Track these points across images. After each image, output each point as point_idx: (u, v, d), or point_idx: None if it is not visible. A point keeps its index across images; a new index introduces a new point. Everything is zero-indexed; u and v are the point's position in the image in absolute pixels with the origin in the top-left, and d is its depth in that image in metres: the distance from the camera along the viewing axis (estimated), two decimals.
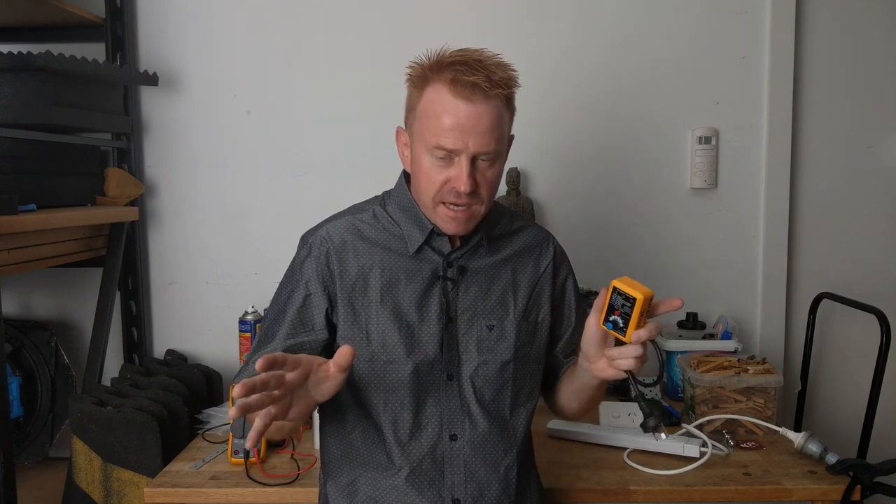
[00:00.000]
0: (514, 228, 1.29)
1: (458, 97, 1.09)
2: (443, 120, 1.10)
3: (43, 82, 1.68)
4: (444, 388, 1.18)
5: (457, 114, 1.09)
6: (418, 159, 1.16)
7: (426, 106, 1.13)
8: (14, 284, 2.10)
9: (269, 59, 2.06)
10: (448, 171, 1.12)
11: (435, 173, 1.13)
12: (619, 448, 1.56)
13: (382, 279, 1.19)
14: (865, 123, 2.08)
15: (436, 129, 1.10)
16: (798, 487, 1.41)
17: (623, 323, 1.05)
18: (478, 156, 1.12)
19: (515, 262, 1.25)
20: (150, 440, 1.56)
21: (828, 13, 2.04)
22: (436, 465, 1.17)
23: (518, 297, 1.23)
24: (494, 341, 1.20)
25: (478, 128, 1.09)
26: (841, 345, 2.11)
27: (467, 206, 1.14)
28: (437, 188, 1.13)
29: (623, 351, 1.06)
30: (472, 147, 1.10)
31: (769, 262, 2.07)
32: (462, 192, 1.11)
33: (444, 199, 1.14)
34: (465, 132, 1.09)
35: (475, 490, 1.18)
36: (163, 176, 2.10)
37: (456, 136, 1.09)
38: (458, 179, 1.11)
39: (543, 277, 1.27)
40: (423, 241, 1.20)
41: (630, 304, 1.05)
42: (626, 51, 2.04)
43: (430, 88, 1.13)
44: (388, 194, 1.28)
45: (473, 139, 1.10)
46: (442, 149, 1.10)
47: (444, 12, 2.03)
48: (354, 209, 1.27)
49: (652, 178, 2.07)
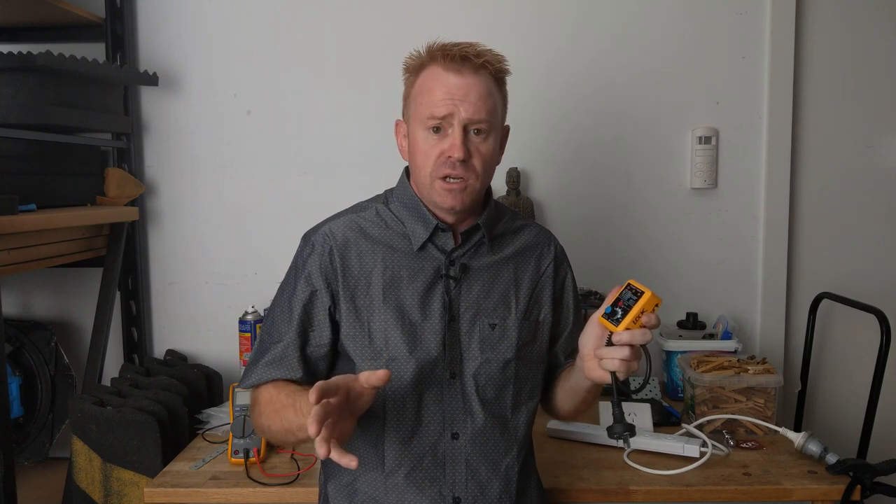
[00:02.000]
0: (515, 227, 1.30)
1: (448, 70, 1.15)
2: (435, 93, 1.15)
3: (43, 82, 1.68)
4: (446, 386, 1.19)
5: (447, 84, 1.15)
6: (414, 140, 1.19)
7: (420, 86, 1.19)
8: (14, 284, 2.11)
9: (269, 59, 2.06)
10: (442, 144, 1.16)
11: (429, 147, 1.17)
12: (619, 448, 1.56)
13: (385, 277, 1.20)
14: (865, 123, 2.08)
15: (429, 102, 1.16)
16: (798, 487, 1.41)
17: (621, 315, 1.07)
18: (469, 125, 1.15)
19: (517, 261, 1.26)
20: (150, 440, 1.56)
21: (828, 13, 2.04)
22: (437, 464, 1.18)
23: (520, 296, 1.24)
24: (497, 340, 1.21)
25: (469, 96, 1.15)
26: (841, 345, 2.11)
27: (462, 178, 1.16)
28: (432, 162, 1.17)
29: (610, 351, 1.07)
30: (464, 112, 1.14)
31: (769, 262, 2.07)
32: (455, 158, 1.14)
33: (440, 174, 1.17)
34: (455, 100, 1.14)
35: (476, 488, 1.18)
36: (163, 176, 2.10)
37: (447, 103, 1.14)
38: (451, 148, 1.15)
39: (545, 277, 1.28)
40: (427, 238, 1.21)
41: (636, 298, 1.07)
42: (626, 51, 2.04)
43: (423, 72, 1.19)
44: (390, 192, 1.29)
45: (465, 106, 1.14)
46: (434, 118, 1.15)
47: (445, 12, 2.03)
48: (357, 207, 1.28)
49: (652, 178, 2.07)
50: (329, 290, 1.19)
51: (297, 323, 1.19)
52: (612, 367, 1.07)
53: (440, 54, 1.16)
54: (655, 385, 1.87)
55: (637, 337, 1.06)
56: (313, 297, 1.20)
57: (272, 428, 1.14)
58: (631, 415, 1.67)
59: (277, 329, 1.21)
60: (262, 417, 1.16)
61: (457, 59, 1.15)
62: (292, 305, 1.20)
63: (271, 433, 1.15)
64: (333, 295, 1.20)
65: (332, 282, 1.19)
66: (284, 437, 1.13)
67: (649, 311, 1.07)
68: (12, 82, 1.66)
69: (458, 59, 1.15)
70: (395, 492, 1.17)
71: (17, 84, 1.66)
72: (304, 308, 1.20)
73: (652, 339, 1.07)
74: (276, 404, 1.13)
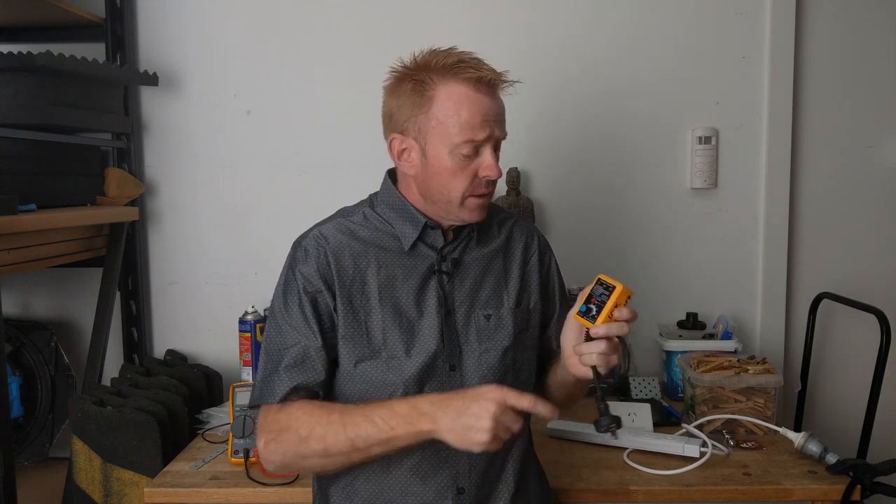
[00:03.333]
0: (500, 219, 1.33)
1: (480, 93, 1.16)
2: (474, 117, 1.15)
3: (43, 82, 1.68)
4: (446, 379, 1.20)
5: (483, 107, 1.16)
6: (437, 161, 1.18)
7: (446, 108, 1.16)
8: (14, 284, 2.10)
9: (269, 59, 2.06)
10: (473, 164, 1.18)
11: (462, 170, 1.18)
12: (619, 448, 1.56)
13: (380, 277, 1.20)
14: (865, 123, 2.07)
15: (465, 125, 1.15)
16: (798, 487, 1.41)
17: (596, 311, 1.10)
18: (498, 142, 1.20)
19: (505, 252, 1.30)
20: (150, 440, 1.56)
21: (828, 13, 2.04)
22: (440, 455, 1.18)
23: (510, 286, 1.27)
24: (493, 329, 1.23)
25: (500, 116, 1.19)
26: (841, 345, 2.11)
27: (490, 193, 1.22)
28: (468, 182, 1.18)
29: (589, 346, 1.10)
30: (498, 134, 1.19)
31: (769, 261, 2.07)
32: (495, 178, 1.19)
33: (475, 192, 1.19)
34: (491, 122, 1.17)
35: (479, 478, 1.20)
36: (163, 176, 2.10)
37: (486, 126, 1.16)
38: (489, 168, 1.18)
39: (531, 265, 1.31)
40: (416, 237, 1.22)
41: (608, 293, 1.10)
42: (626, 51, 2.04)
43: (443, 90, 1.16)
44: (375, 196, 1.30)
45: (499, 127, 1.19)
46: (472, 142, 1.16)
47: (445, 13, 2.03)
48: (343, 212, 1.29)
49: (652, 178, 2.07)
50: (329, 291, 1.19)
51: (307, 325, 1.17)
52: (591, 361, 1.10)
53: (466, 76, 1.15)
54: (655, 385, 1.87)
55: (613, 330, 1.09)
56: (317, 298, 1.19)
57: (331, 449, 1.07)
58: (631, 415, 1.67)
59: (285, 336, 1.18)
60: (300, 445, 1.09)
61: (486, 83, 1.16)
62: (294, 310, 1.18)
63: (330, 455, 1.08)
64: (332, 296, 1.19)
65: (329, 284, 1.19)
66: (350, 457, 1.08)
67: (622, 304, 1.11)
68: (12, 82, 1.66)
69: (487, 83, 1.16)
70: (398, 485, 1.18)
71: (17, 84, 1.66)
72: (308, 310, 1.18)
73: (628, 331, 1.10)
74: (333, 423, 1.07)
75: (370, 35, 2.04)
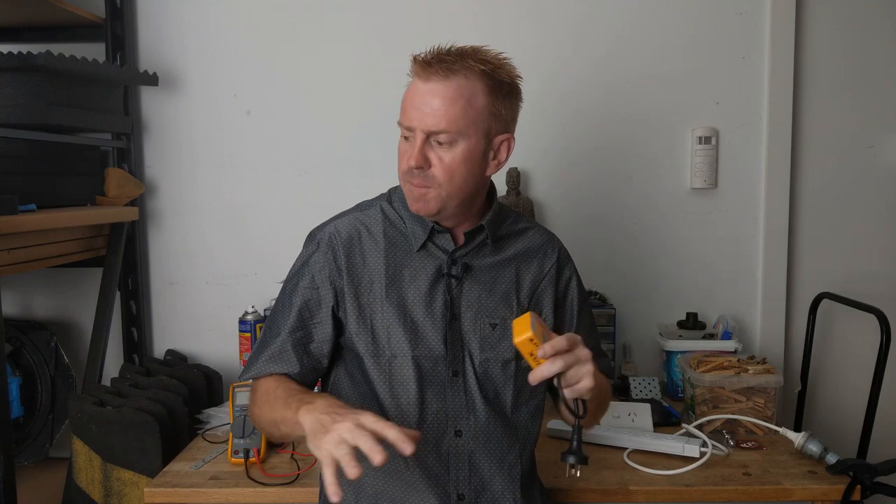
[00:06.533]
0: (518, 229, 1.30)
1: (417, 76, 1.14)
2: (405, 100, 1.16)
3: (43, 82, 1.68)
4: (448, 384, 1.19)
5: (414, 92, 1.14)
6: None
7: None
8: (14, 284, 2.10)
9: (269, 59, 2.06)
10: (409, 150, 1.16)
11: (401, 153, 1.18)
12: (619, 448, 1.56)
13: (388, 275, 1.20)
14: (865, 123, 2.07)
15: (402, 109, 1.16)
16: (798, 487, 1.41)
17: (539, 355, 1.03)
18: (430, 135, 1.13)
19: (519, 262, 1.27)
20: (150, 440, 1.56)
21: (828, 13, 2.04)
22: (441, 461, 1.18)
23: (521, 297, 1.25)
24: (497, 339, 1.21)
25: (430, 105, 1.12)
26: (841, 345, 2.11)
27: (422, 186, 1.15)
28: (402, 167, 1.18)
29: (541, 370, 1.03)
30: (420, 124, 1.12)
31: (769, 262, 2.07)
32: (410, 165, 1.14)
33: (405, 179, 1.18)
34: (416, 109, 1.13)
35: (479, 485, 1.19)
36: (163, 176, 2.10)
37: (411, 113, 1.14)
38: (409, 156, 1.15)
39: (547, 278, 1.28)
40: (425, 238, 1.21)
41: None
42: (626, 51, 2.04)
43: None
44: (393, 190, 1.29)
45: (423, 117, 1.12)
46: (401, 125, 1.16)
47: (445, 13, 2.03)
48: (362, 206, 1.29)
49: (652, 178, 2.07)
50: (333, 288, 1.20)
51: (295, 319, 1.21)
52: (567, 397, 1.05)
53: (416, 58, 1.14)
54: (656, 385, 1.87)
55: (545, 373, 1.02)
56: (316, 293, 1.21)
57: (262, 417, 1.17)
58: (631, 415, 1.67)
59: (277, 325, 1.23)
60: (255, 406, 1.20)
61: (426, 62, 1.12)
62: (293, 302, 1.22)
63: (261, 423, 1.18)
64: (338, 293, 1.20)
65: (336, 280, 1.20)
66: (271, 429, 1.15)
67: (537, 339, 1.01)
68: (12, 82, 1.66)
69: (426, 62, 1.12)
70: (402, 487, 1.18)
71: (17, 84, 1.66)
72: (307, 304, 1.21)
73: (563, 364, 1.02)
74: (269, 396, 1.15)
75: (371, 35, 2.04)
